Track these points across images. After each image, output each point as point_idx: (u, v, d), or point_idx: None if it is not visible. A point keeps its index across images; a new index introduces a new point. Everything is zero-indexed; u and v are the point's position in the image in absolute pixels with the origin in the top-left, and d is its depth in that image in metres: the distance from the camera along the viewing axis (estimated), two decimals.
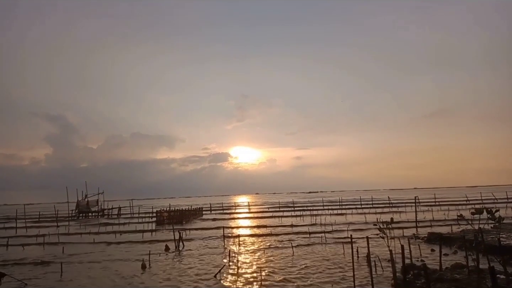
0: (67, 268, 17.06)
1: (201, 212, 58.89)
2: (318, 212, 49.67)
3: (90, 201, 64.27)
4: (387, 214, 42.02)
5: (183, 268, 16.31)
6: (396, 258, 12.18)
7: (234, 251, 19.56)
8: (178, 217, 43.61)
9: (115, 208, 67.21)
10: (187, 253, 20.29)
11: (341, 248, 19.05)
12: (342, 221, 35.37)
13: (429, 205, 54.60)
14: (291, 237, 24.76)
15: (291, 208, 64.32)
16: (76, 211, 62.48)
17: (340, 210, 54.45)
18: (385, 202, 68.84)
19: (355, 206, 63.54)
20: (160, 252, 20.66)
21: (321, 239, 22.59)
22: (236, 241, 23.99)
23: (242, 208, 76.09)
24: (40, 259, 19.89)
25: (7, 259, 20.49)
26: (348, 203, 72.67)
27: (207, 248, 21.76)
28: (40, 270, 16.92)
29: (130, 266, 17.08)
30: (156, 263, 17.46)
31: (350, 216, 41.96)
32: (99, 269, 16.90)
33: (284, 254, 18.57)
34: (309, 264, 15.73)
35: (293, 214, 47.36)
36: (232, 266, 15.93)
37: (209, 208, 71.99)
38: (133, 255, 20.20)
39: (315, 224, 33.17)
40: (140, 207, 75.82)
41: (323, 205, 67.93)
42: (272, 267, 15.34)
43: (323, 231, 26.11)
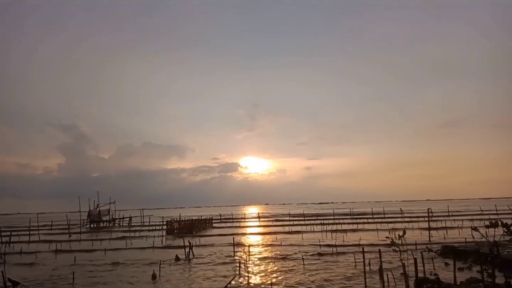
0: (79, 276, 17.21)
1: (211, 222, 58.83)
2: (328, 223, 49.19)
3: (101, 210, 64.91)
4: (400, 225, 41.36)
5: (193, 278, 16.29)
6: (408, 272, 11.99)
7: (244, 262, 19.48)
8: (188, 227, 43.67)
9: (126, 218, 67.67)
10: (197, 263, 20.27)
11: (352, 261, 18.81)
12: (354, 233, 34.95)
13: (442, 217, 53.56)
14: (301, 249, 24.54)
15: (302, 219, 63.80)
16: (88, 220, 63.12)
17: (351, 221, 53.83)
18: (397, 214, 67.81)
19: (367, 217, 62.70)
20: (170, 262, 20.69)
21: (332, 251, 22.34)
22: (246, 251, 23.88)
23: (252, 219, 75.77)
24: (53, 267, 20.11)
25: (21, 267, 20.78)
26: (359, 215, 71.79)
27: (217, 259, 21.70)
28: (53, 278, 17.09)
29: (141, 276, 17.15)
30: (167, 273, 17.49)
31: (362, 227, 41.42)
32: (110, 278, 17.01)
33: (294, 266, 18.42)
34: (320, 276, 15.57)
35: (303, 224, 46.97)
36: (242, 277, 15.86)
37: (219, 218, 71.90)
38: (144, 265, 20.28)
39: (326, 236, 32.80)
40: (151, 217, 76.12)
41: (334, 216, 67.24)
42: (282, 279, 15.23)
43: (334, 242, 25.82)
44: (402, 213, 65.97)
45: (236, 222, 63.79)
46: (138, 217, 71.14)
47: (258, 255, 22.70)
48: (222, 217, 73.39)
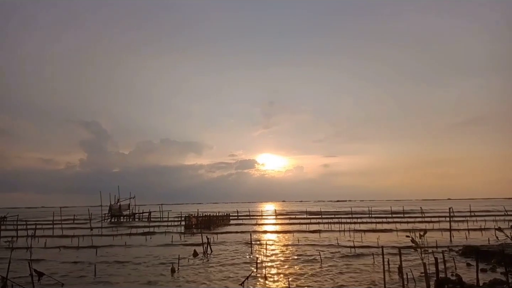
0: (101, 269, 17.67)
1: (228, 218, 59.22)
2: (346, 221, 48.72)
3: (122, 205, 66.26)
4: (420, 225, 40.57)
5: (211, 273, 16.48)
6: (429, 272, 11.77)
7: (261, 259, 19.55)
8: (206, 223, 44.14)
9: (146, 213, 68.93)
10: (214, 259, 20.48)
11: (371, 260, 18.60)
12: (372, 232, 34.52)
13: (464, 217, 52.23)
14: (319, 247, 24.43)
15: (319, 216, 63.45)
16: (109, 214, 64.60)
17: (369, 220, 53.12)
18: (417, 213, 66.55)
19: (386, 216, 61.79)
20: (188, 257, 20.97)
21: (350, 250, 22.15)
22: (263, 248, 23.96)
23: (269, 215, 75.88)
24: (75, 260, 20.69)
25: (45, 259, 21.49)
26: (378, 213, 70.81)
27: (234, 255, 21.86)
28: (75, 271, 17.58)
29: (160, 270, 17.46)
30: (185, 268, 17.74)
31: (381, 226, 40.84)
32: (131, 271, 17.40)
33: (311, 263, 18.36)
34: (337, 275, 15.48)
35: (320, 223, 46.66)
36: (259, 274, 15.93)
37: (236, 214, 72.31)
38: (163, 259, 20.64)
39: (344, 234, 32.50)
40: (169, 212, 77.27)
41: (352, 214, 66.55)
42: (299, 277, 15.22)
43: (352, 242, 25.54)
44: (422, 212, 64.70)
45: (253, 219, 64.03)
46: (157, 212, 72.32)
47: (275, 253, 22.73)
48: (239, 214, 73.78)
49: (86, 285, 14.67)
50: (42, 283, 14.94)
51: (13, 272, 15.57)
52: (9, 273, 14.25)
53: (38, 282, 14.83)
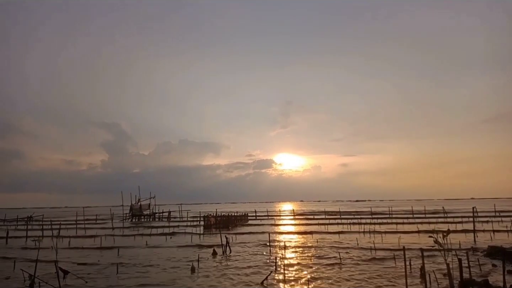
0: (122, 267, 18.05)
1: (246, 218, 59.42)
2: (366, 221, 48.03)
3: (142, 205, 67.46)
4: (442, 226, 39.63)
5: (230, 273, 16.58)
6: (453, 273, 11.49)
7: (281, 259, 19.53)
8: (224, 222, 44.42)
9: (165, 212, 69.95)
10: (234, 258, 20.59)
11: (392, 261, 18.31)
12: (393, 232, 33.94)
13: (488, 217, 50.67)
14: (338, 247, 24.22)
15: (338, 217, 62.84)
16: (130, 214, 65.89)
17: (390, 220, 52.21)
18: (439, 213, 65.01)
19: (407, 216, 60.62)
20: (208, 257, 21.16)
21: (370, 251, 21.86)
22: (282, 248, 23.93)
23: (287, 215, 75.66)
24: (97, 259, 21.19)
25: (69, 258, 22.11)
26: (398, 213, 69.51)
27: (253, 255, 21.91)
28: (98, 270, 18.00)
29: (180, 269, 17.70)
30: (205, 267, 17.91)
31: (401, 227, 40.09)
32: (151, 270, 17.69)
33: (331, 266, 18.23)
34: (357, 276, 15.31)
35: (339, 223, 46.15)
36: (278, 273, 15.93)
37: (254, 214, 72.42)
38: (183, 259, 20.90)
39: (363, 235, 32.06)
40: (188, 212, 78.16)
41: (372, 214, 65.62)
42: (319, 277, 15.15)
43: (372, 242, 25.17)
44: (444, 212, 63.22)
45: (271, 219, 63.95)
46: (176, 212, 73.27)
47: (294, 254, 22.66)
48: (257, 214, 73.87)
49: (109, 284, 15.02)
50: (67, 281, 15.38)
51: (40, 270, 16.09)
52: (36, 271, 14.74)
53: (63, 280, 15.27)
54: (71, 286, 14.63)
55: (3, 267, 18.80)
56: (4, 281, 15.85)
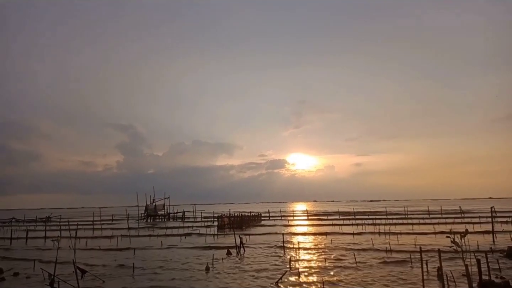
0: (138, 266, 18.30)
1: (259, 218, 59.45)
2: (381, 222, 47.44)
3: (157, 205, 68.23)
4: (459, 226, 38.85)
5: (244, 272, 16.65)
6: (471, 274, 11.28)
7: (295, 259, 19.49)
8: (238, 223, 44.53)
9: (180, 213, 70.53)
10: (248, 258, 20.65)
11: (408, 262, 18.06)
12: (409, 232, 33.46)
13: (508, 217, 49.41)
14: (353, 247, 24.03)
15: (352, 216, 62.27)
16: (145, 214, 66.69)
17: (406, 220, 51.36)
18: (456, 213, 63.72)
19: (422, 216, 59.65)
20: (222, 257, 21.27)
21: (386, 253, 21.57)
22: (296, 248, 23.87)
23: (300, 216, 75.35)
24: (114, 259, 21.52)
25: (87, 258, 22.53)
26: (414, 213, 68.42)
27: (267, 255, 21.91)
28: (114, 270, 18.30)
29: (194, 268, 17.87)
30: (219, 267, 18.03)
31: (417, 227, 39.44)
32: (167, 269, 17.91)
33: (345, 263, 18.10)
34: (373, 278, 15.16)
35: (354, 224, 45.66)
36: (293, 274, 15.91)
37: (267, 214, 72.35)
38: (198, 258, 21.09)
39: (379, 236, 31.68)
40: (202, 212, 78.58)
41: (387, 215, 64.79)
42: (333, 278, 15.06)
43: (387, 243, 24.77)
44: (461, 212, 61.98)
45: (285, 219, 63.80)
46: (190, 212, 73.79)
47: (308, 254, 22.59)
48: (270, 214, 73.78)
49: (125, 283, 15.26)
50: (85, 280, 15.70)
51: (58, 270, 16.45)
52: (55, 270, 15.08)
53: (81, 279, 15.59)
54: (89, 285, 14.93)
55: (24, 267, 19.30)
56: (25, 280, 16.28)
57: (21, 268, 18.90)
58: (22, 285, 15.50)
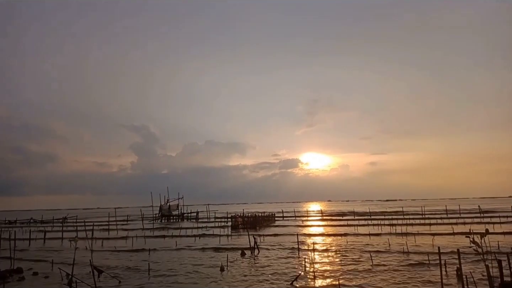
0: (153, 266, 18.43)
1: (273, 218, 59.29)
2: (397, 222, 46.66)
3: (171, 205, 68.81)
4: (479, 225, 37.93)
5: (259, 273, 16.57)
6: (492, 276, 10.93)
7: (309, 260, 19.31)
8: (252, 223, 44.50)
9: (194, 213, 70.97)
10: (262, 259, 20.57)
11: (426, 262, 17.69)
12: (426, 232, 32.81)
13: None
14: (369, 249, 23.68)
15: (368, 216, 61.52)
16: (159, 214, 67.32)
17: (423, 220, 50.31)
18: (475, 212, 62.26)
19: (440, 216, 58.50)
20: (236, 257, 21.26)
21: (403, 253, 21.19)
22: (311, 250, 23.65)
23: (314, 216, 74.86)
24: (129, 260, 21.74)
25: (102, 258, 22.83)
26: (432, 213, 67.14)
27: (282, 256, 21.76)
28: (130, 270, 18.46)
29: (209, 268, 17.90)
30: (233, 267, 18.01)
31: (435, 227, 38.62)
32: (182, 269, 17.98)
33: (361, 266, 17.85)
34: (390, 280, 14.87)
35: (369, 224, 44.99)
36: (308, 274, 15.76)
37: (281, 214, 72.12)
38: (212, 258, 21.12)
39: (395, 236, 31.12)
40: (216, 212, 78.92)
41: (403, 215, 63.77)
42: (350, 282, 14.86)
43: (404, 245, 24.23)
44: (480, 211, 60.55)
45: (299, 219, 63.44)
46: (204, 212, 74.19)
47: (323, 253, 22.39)
48: (284, 214, 73.54)
49: (141, 283, 15.37)
50: (101, 280, 15.87)
51: (76, 270, 16.67)
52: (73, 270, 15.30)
53: (98, 278, 15.77)
54: (105, 285, 15.10)
55: (42, 267, 19.66)
56: (44, 280, 16.58)
57: (39, 268, 19.25)
58: (41, 284, 15.78)
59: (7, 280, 15.75)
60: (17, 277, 17.05)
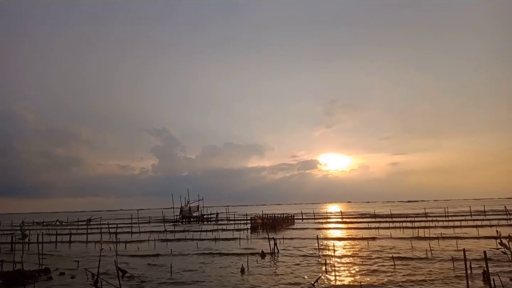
0: (175, 267, 18.70)
1: (293, 219, 59.08)
2: (420, 224, 45.56)
3: (191, 207, 69.67)
4: (506, 228, 36.62)
5: (279, 274, 16.61)
6: None
7: (330, 261, 19.17)
8: (271, 224, 44.47)
9: (213, 214, 71.56)
10: (282, 260, 20.57)
11: (450, 265, 17.27)
12: (450, 234, 31.96)
13: None
14: (390, 250, 23.31)
15: (389, 219, 60.39)
16: (180, 216, 68.22)
17: (447, 223, 48.70)
18: (501, 214, 60.18)
19: (465, 217, 56.84)
20: (256, 258, 21.32)
21: (426, 254, 20.76)
22: (331, 250, 23.47)
23: (334, 217, 74.06)
24: (152, 262, 22.12)
25: (126, 259, 23.33)
26: (455, 214, 65.34)
27: (301, 257, 21.72)
28: (153, 271, 18.77)
29: (229, 270, 18.03)
30: (254, 268, 18.09)
31: (459, 230, 37.48)
32: (202, 270, 18.23)
33: (382, 266, 17.61)
34: (414, 282, 14.61)
35: (391, 227, 43.98)
36: (329, 276, 15.67)
37: (300, 215, 71.72)
38: (232, 259, 21.26)
39: (418, 239, 30.35)
40: (235, 214, 79.25)
41: (426, 216, 62.30)
42: (370, 279, 14.68)
43: (427, 246, 23.59)
44: (507, 212, 58.49)
45: (318, 221, 62.90)
46: (223, 213, 74.66)
47: (344, 255, 22.17)
48: (303, 215, 73.15)
49: (163, 283, 15.66)
50: (125, 280, 16.25)
51: (100, 270, 17.14)
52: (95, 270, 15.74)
53: (122, 279, 16.15)
54: (129, 285, 15.46)
55: (69, 267, 20.26)
56: (70, 280, 17.11)
57: (66, 268, 19.85)
58: (68, 284, 16.30)
59: (36, 280, 16.33)
60: (45, 277, 17.68)
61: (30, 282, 15.73)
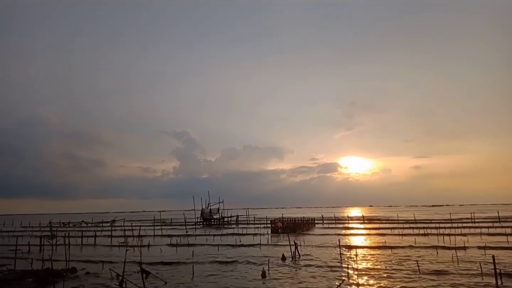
0: (196, 270, 18.94)
1: (313, 223, 58.58)
2: (445, 230, 44.17)
3: (212, 209, 70.10)
4: None
5: (300, 278, 16.53)
6: None
7: (352, 266, 18.91)
8: (291, 227, 44.23)
9: (234, 216, 71.79)
10: (303, 264, 20.45)
11: (478, 270, 16.71)
12: (477, 240, 30.91)
13: None
14: (414, 254, 22.76)
15: (413, 223, 58.91)
16: (201, 218, 68.77)
17: (474, 229, 46.66)
18: None
19: (493, 223, 54.77)
20: (277, 262, 21.27)
21: (452, 259, 20.17)
22: (353, 255, 23.13)
23: (356, 221, 72.89)
24: (175, 261, 22.45)
25: (148, 260, 23.74)
26: (482, 220, 63.05)
27: (323, 261, 21.51)
28: (175, 273, 19.06)
29: (251, 273, 18.08)
30: (275, 272, 18.04)
31: (487, 237, 36.06)
32: (223, 273, 18.36)
33: (406, 271, 17.22)
34: None
35: (416, 233, 42.52)
36: (351, 281, 15.46)
37: (321, 219, 70.99)
38: (253, 263, 21.29)
39: (443, 243, 29.53)
40: (255, 216, 79.27)
41: (451, 221, 60.41)
42: None
43: (454, 254, 22.75)
44: None
45: (340, 225, 61.91)
46: (243, 216, 74.80)
47: (366, 260, 21.80)
48: (324, 219, 72.37)
49: (185, 285, 15.86)
50: (149, 281, 16.55)
51: None
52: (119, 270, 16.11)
53: (146, 280, 16.47)
54: (152, 286, 15.74)
55: (94, 267, 20.84)
56: (95, 279, 17.58)
57: (91, 267, 20.43)
58: (93, 283, 16.78)
59: (64, 279, 16.87)
60: (72, 276, 18.27)
61: (58, 280, 16.27)
